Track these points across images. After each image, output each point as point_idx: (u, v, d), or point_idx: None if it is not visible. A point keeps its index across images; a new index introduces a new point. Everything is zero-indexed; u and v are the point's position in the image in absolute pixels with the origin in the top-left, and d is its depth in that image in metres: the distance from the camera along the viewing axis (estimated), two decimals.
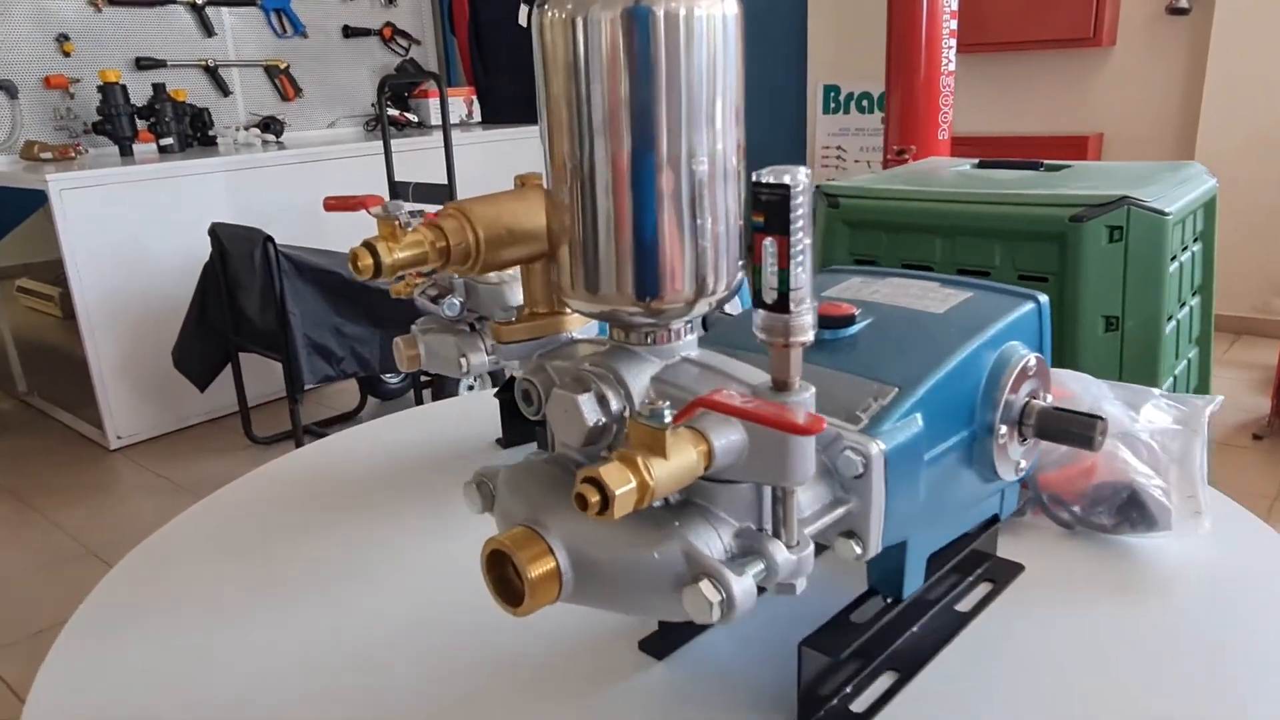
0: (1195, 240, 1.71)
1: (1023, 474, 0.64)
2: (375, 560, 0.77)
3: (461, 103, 4.43)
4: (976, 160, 1.88)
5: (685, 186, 0.44)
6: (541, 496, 0.49)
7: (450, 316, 0.85)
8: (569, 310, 0.54)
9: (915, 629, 0.64)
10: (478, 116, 4.54)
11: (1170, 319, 1.56)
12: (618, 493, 0.39)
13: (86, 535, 2.57)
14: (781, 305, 0.42)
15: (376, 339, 2.79)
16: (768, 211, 0.41)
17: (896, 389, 0.54)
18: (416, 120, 4.34)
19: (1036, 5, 3.65)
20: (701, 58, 0.43)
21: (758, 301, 0.43)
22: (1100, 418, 0.58)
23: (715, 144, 0.44)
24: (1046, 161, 1.76)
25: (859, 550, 0.51)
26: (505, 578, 0.46)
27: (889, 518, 0.52)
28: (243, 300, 2.82)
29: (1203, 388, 1.86)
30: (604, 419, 0.46)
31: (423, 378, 3.08)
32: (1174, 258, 1.54)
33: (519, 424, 1.00)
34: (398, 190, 3.03)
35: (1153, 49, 3.63)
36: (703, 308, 0.47)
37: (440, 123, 2.97)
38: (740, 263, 0.48)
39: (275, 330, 2.66)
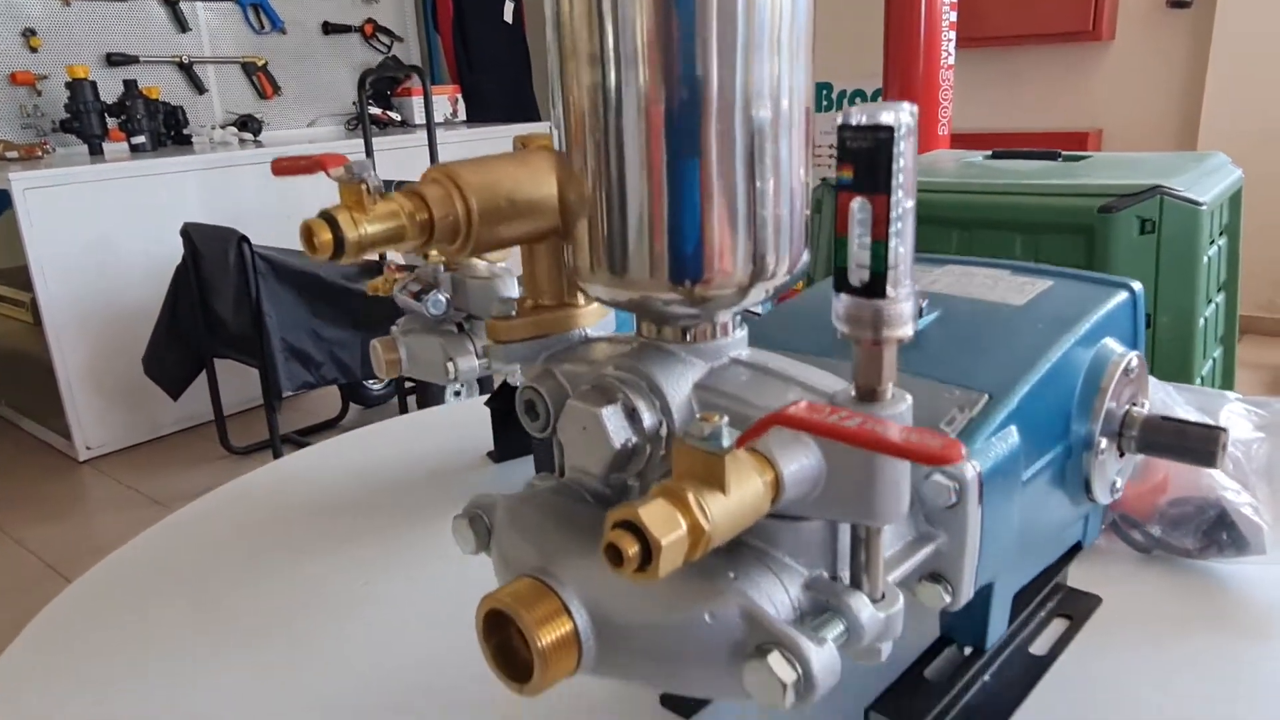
0: (1221, 234, 1.62)
1: (1118, 494, 0.54)
2: (352, 599, 0.67)
3: (446, 101, 4.32)
4: (989, 151, 1.79)
5: (741, 137, 0.34)
6: (551, 537, 0.38)
7: (435, 315, 0.75)
8: (582, 302, 0.44)
9: (987, 678, 0.54)
10: (463, 115, 4.43)
11: (1200, 317, 1.47)
12: (664, 542, 0.29)
13: (51, 554, 2.44)
14: (875, 289, 0.31)
15: (358, 343, 2.67)
16: (859, 162, 0.30)
17: (987, 396, 0.44)
18: (400, 119, 4.22)
19: None
20: None
21: (840, 284, 0.32)
22: (1221, 428, 0.48)
23: (781, 81, 0.34)
24: (1064, 152, 1.67)
25: (948, 598, 0.41)
26: (508, 645, 0.36)
27: (980, 555, 0.42)
28: (216, 303, 2.69)
29: (1227, 389, 1.77)
30: (635, 438, 0.36)
31: (408, 384, 2.96)
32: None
33: (513, 435, 0.90)
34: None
35: (1153, 43, 3.55)
36: (758, 295, 0.36)
37: (424, 121, 2.86)
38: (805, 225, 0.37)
39: (251, 335, 2.54)
